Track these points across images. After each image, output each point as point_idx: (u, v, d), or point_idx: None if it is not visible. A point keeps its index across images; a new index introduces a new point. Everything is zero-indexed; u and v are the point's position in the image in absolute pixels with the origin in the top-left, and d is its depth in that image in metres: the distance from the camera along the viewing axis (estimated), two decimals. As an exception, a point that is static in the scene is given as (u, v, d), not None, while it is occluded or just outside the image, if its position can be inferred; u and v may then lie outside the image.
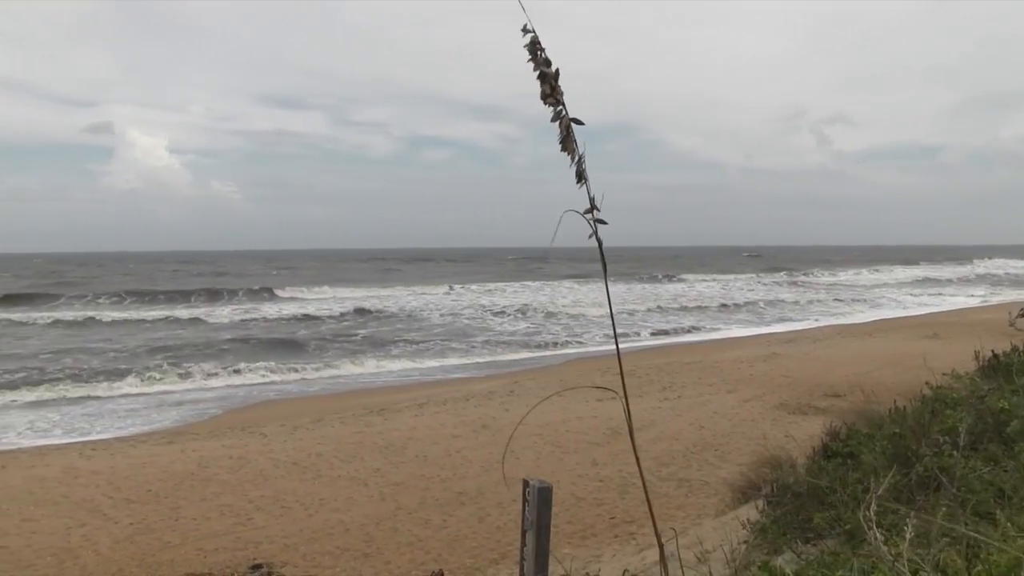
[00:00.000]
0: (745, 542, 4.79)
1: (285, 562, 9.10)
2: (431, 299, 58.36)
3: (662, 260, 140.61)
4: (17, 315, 46.82)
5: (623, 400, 2.55)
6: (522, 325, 41.71)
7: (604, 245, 2.48)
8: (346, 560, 9.15)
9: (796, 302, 54.06)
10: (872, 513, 2.69)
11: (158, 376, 25.71)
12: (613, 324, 3.05)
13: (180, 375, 26.09)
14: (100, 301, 58.50)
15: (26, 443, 16.88)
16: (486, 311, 48.95)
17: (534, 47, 2.69)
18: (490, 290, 67.10)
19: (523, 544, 3.85)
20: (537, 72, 2.73)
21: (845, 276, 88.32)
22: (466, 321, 44.31)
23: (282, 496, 11.59)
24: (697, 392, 18.79)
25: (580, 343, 34.44)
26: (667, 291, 67.11)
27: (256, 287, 68.13)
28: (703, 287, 72.48)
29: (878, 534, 2.60)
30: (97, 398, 22.69)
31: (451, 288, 68.51)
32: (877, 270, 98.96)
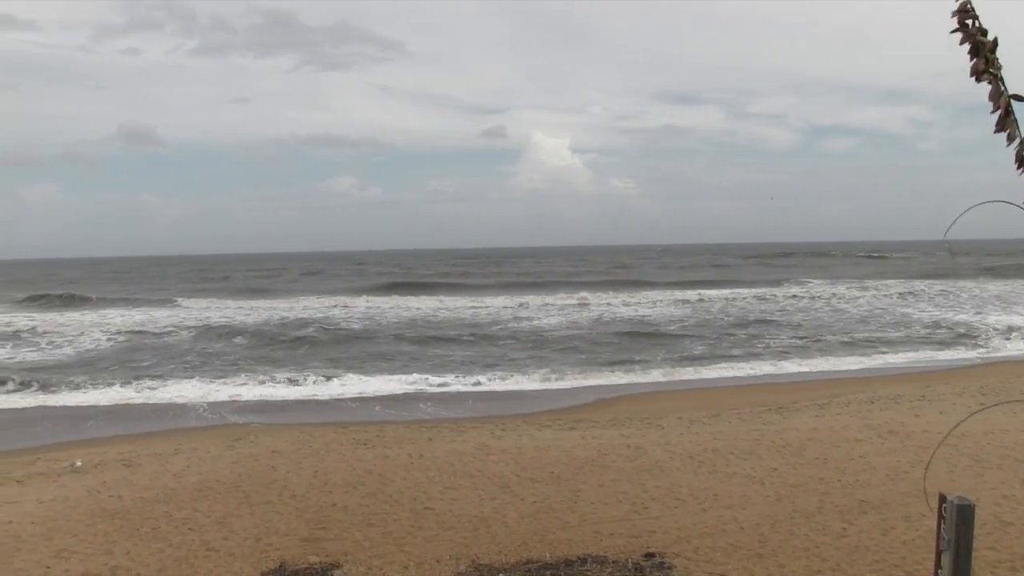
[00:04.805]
0: None
1: (677, 554, 9.13)
2: (826, 297, 55.86)
3: None
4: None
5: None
6: (934, 325, 38.24)
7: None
8: (738, 559, 8.98)
9: None
10: None
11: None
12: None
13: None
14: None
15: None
16: (897, 309, 45.84)
17: (965, 14, 2.38)
18: (901, 292, 62.45)
19: (937, 565, 3.52)
20: (968, 45, 2.41)
21: None
22: (878, 315, 41.98)
23: (676, 488, 11.67)
24: None
25: (996, 345, 30.99)
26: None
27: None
28: None
29: None
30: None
31: (864, 284, 65.02)
32: None
